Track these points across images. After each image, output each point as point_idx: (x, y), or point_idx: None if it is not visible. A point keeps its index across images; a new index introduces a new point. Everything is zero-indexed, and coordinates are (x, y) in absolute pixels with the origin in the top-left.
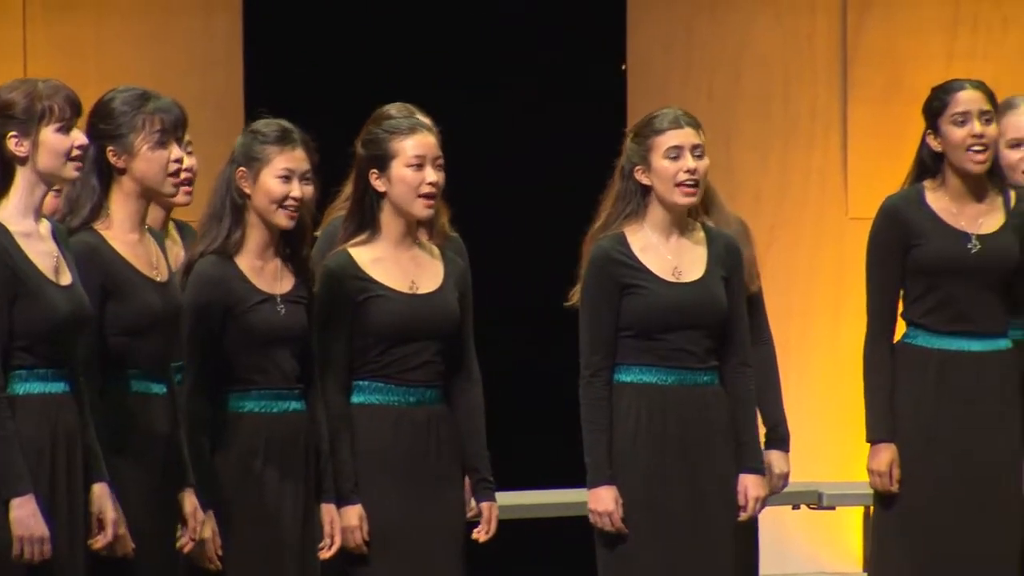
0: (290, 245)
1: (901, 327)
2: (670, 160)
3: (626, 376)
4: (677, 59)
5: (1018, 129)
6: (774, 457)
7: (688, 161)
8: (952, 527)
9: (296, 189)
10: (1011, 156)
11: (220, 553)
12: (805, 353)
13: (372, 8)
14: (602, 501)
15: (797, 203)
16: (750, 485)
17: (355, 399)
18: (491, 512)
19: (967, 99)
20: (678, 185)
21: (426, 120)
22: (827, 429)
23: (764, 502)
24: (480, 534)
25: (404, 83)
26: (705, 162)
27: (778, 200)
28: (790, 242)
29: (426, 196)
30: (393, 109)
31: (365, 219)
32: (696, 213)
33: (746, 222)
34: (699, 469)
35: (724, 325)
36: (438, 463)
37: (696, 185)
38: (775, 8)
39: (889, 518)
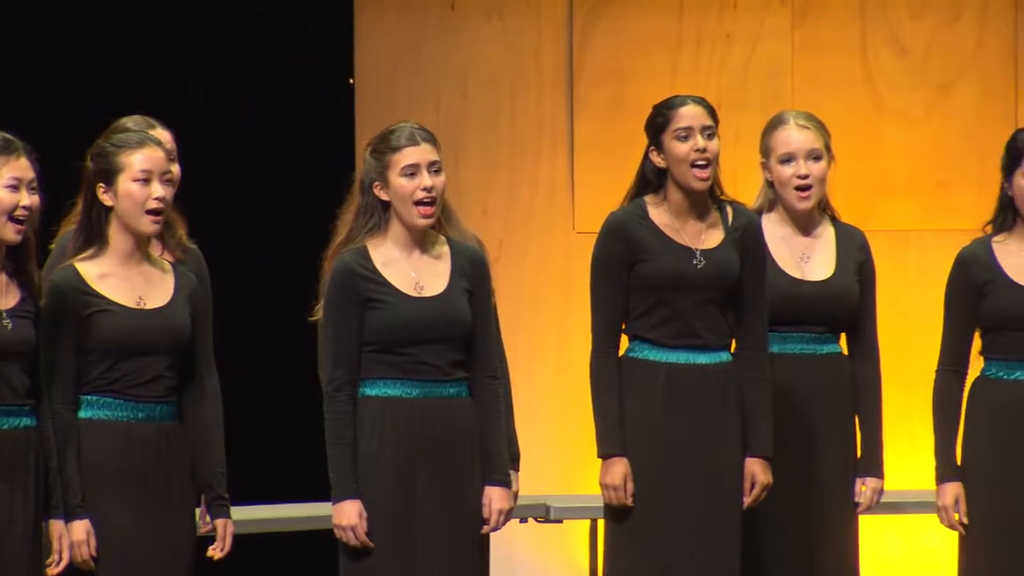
0: (15, 259)
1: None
2: (407, 178)
3: (371, 390)
4: (405, 74)
5: (788, 144)
6: None
7: (425, 179)
8: (683, 537)
9: (25, 198)
10: (783, 172)
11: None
12: (533, 366)
13: (103, 16)
14: (346, 515)
15: (524, 217)
16: (495, 498)
17: (83, 414)
18: (226, 529)
19: (689, 114)
20: (416, 204)
21: (163, 133)
22: (554, 443)
23: (508, 515)
24: (215, 551)
25: (132, 94)
26: (442, 178)
27: (506, 214)
28: (518, 256)
29: (152, 212)
30: (131, 122)
31: (93, 233)
32: (440, 226)
33: (479, 237)
34: (446, 482)
35: (469, 338)
36: (167, 479)
37: (433, 202)
38: (502, 24)
39: (621, 531)
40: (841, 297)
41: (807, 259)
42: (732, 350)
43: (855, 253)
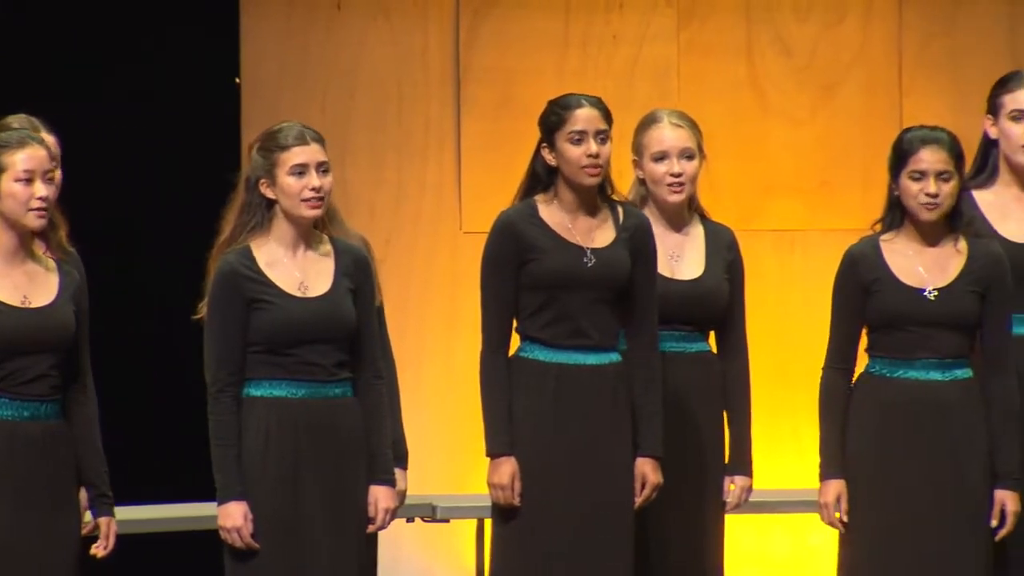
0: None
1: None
2: (295, 177)
3: (256, 391)
4: (291, 73)
5: (661, 143)
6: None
7: (313, 179)
8: (570, 537)
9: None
10: (656, 170)
11: None
12: (419, 367)
13: None
14: (231, 517)
15: (411, 217)
16: (381, 497)
17: None
18: (109, 527)
19: (584, 117)
20: (304, 201)
21: (46, 136)
22: (441, 442)
23: (394, 514)
24: (98, 549)
25: (15, 92)
26: (330, 178)
27: (392, 214)
28: (405, 256)
29: (36, 210)
30: (16, 122)
31: None
32: (323, 227)
33: (366, 238)
34: (332, 482)
35: (354, 338)
36: (52, 478)
37: (321, 201)
38: (388, 24)
39: (508, 531)
40: (710, 296)
41: (677, 258)
42: (622, 350)
43: (724, 252)
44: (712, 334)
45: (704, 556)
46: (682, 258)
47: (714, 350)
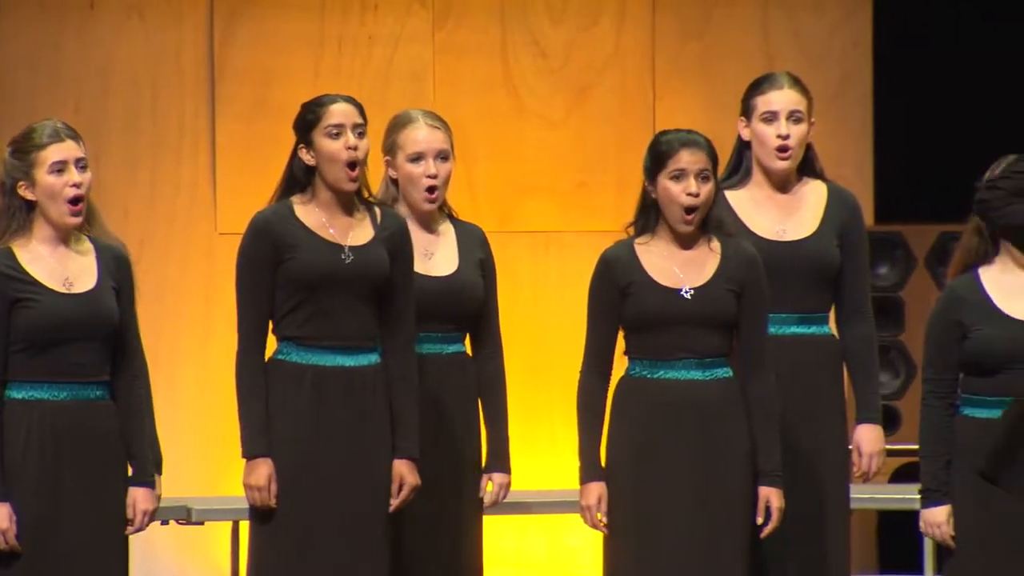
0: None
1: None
2: (55, 175)
3: (17, 393)
4: (44, 74)
5: (417, 143)
6: None
7: (74, 175)
8: (328, 539)
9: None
10: (413, 170)
11: None
12: (175, 368)
13: None
14: None
15: (166, 218)
16: (139, 499)
17: None
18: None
19: (341, 112)
20: (67, 201)
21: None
22: (196, 444)
23: (152, 516)
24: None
25: None
26: (89, 174)
27: (147, 215)
28: (159, 257)
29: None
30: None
31: None
32: (82, 226)
33: (120, 238)
34: (91, 485)
35: (116, 337)
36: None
37: (82, 199)
38: (143, 24)
39: (265, 533)
40: (466, 291)
41: (430, 256)
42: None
43: (476, 250)
44: (468, 337)
45: (463, 556)
46: (435, 256)
47: (470, 352)
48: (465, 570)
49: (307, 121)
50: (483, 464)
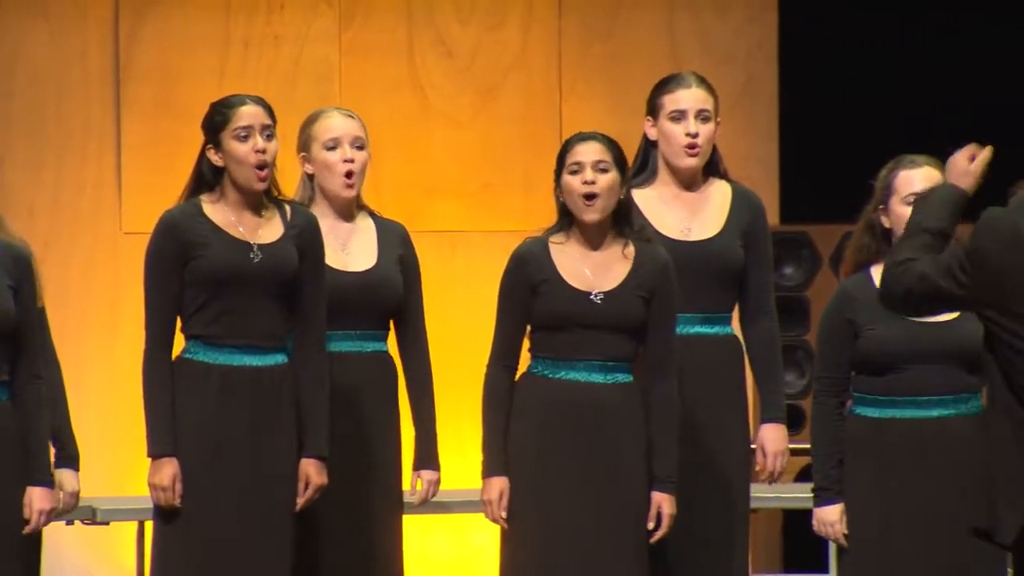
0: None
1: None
2: None
3: None
4: None
5: (331, 130)
6: (65, 476)
7: None
8: (233, 537)
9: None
10: (329, 158)
11: None
12: (80, 368)
13: None
14: None
15: (71, 218)
16: (35, 498)
17: None
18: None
19: (249, 114)
20: None
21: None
22: (102, 444)
23: (50, 515)
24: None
25: None
26: None
27: (52, 215)
28: (64, 257)
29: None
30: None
31: None
32: None
33: (24, 239)
34: None
35: (14, 337)
36: None
37: None
38: (47, 24)
39: (170, 532)
40: (384, 285)
41: (348, 249)
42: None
43: (397, 246)
44: (390, 334)
45: (381, 554)
46: (353, 250)
47: (391, 350)
48: (383, 568)
49: (215, 122)
50: (411, 462)
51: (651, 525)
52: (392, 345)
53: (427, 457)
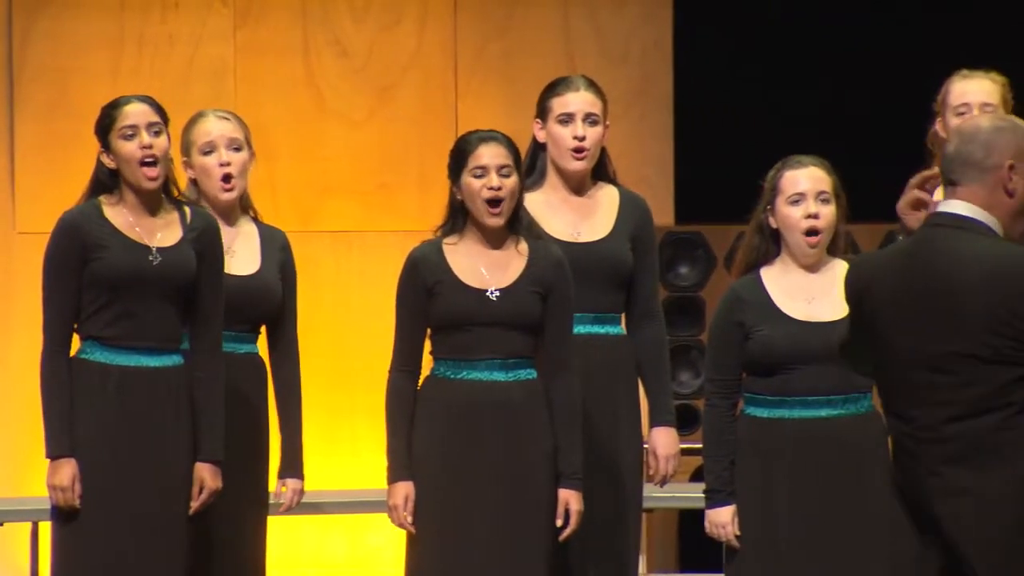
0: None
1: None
2: None
3: None
4: None
5: (208, 134)
6: None
7: None
8: (130, 539)
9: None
10: (206, 162)
11: None
12: None
13: None
14: None
15: None
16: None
17: None
18: None
19: (134, 112)
20: None
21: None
22: None
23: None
24: None
25: None
26: None
27: None
28: None
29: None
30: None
31: None
32: None
33: None
34: None
35: None
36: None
37: None
38: None
39: (69, 533)
40: (264, 291)
41: (231, 252)
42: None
43: (278, 252)
44: (261, 338)
45: (243, 552)
46: (236, 254)
47: (262, 353)
48: (246, 567)
49: (104, 125)
50: (277, 466)
51: (560, 522)
52: (263, 348)
53: (292, 466)
